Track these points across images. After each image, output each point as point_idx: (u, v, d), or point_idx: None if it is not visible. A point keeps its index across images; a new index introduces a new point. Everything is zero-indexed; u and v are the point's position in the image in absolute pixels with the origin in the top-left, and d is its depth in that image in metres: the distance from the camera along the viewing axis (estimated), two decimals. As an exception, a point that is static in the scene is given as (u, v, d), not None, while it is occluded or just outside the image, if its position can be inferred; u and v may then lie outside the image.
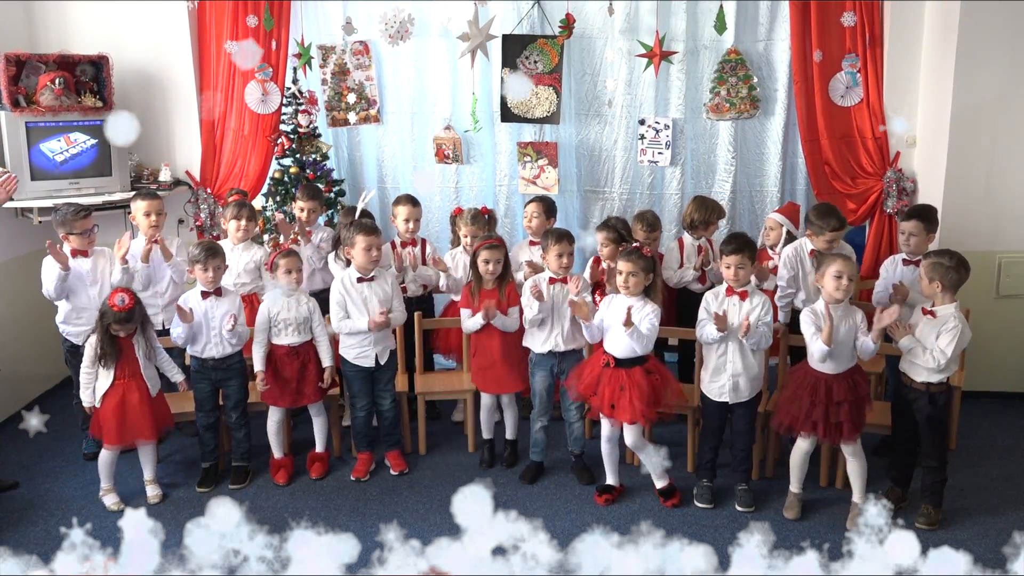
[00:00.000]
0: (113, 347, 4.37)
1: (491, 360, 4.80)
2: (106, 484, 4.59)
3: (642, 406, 4.27)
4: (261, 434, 4.93)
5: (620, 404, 4.30)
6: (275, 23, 5.81)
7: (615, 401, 4.31)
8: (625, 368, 4.31)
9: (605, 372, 4.36)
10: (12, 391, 5.68)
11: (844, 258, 4.20)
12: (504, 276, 4.76)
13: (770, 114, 6.01)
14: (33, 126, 5.40)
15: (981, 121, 5.45)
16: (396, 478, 4.84)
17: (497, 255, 4.69)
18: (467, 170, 6.25)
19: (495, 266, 4.69)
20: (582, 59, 6.03)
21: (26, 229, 5.68)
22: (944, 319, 4.07)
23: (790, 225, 5.20)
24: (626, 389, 4.29)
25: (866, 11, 5.66)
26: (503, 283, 4.76)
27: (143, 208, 4.97)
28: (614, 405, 4.32)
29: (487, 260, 4.68)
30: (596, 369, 4.40)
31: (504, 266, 4.74)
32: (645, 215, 5.34)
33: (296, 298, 4.71)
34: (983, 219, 5.56)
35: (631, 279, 4.29)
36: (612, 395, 4.32)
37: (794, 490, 4.42)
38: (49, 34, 5.85)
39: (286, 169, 5.78)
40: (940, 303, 4.12)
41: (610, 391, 4.33)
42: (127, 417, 4.42)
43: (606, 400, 4.34)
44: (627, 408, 4.28)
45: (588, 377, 4.43)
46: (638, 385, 4.28)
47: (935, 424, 4.18)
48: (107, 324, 4.34)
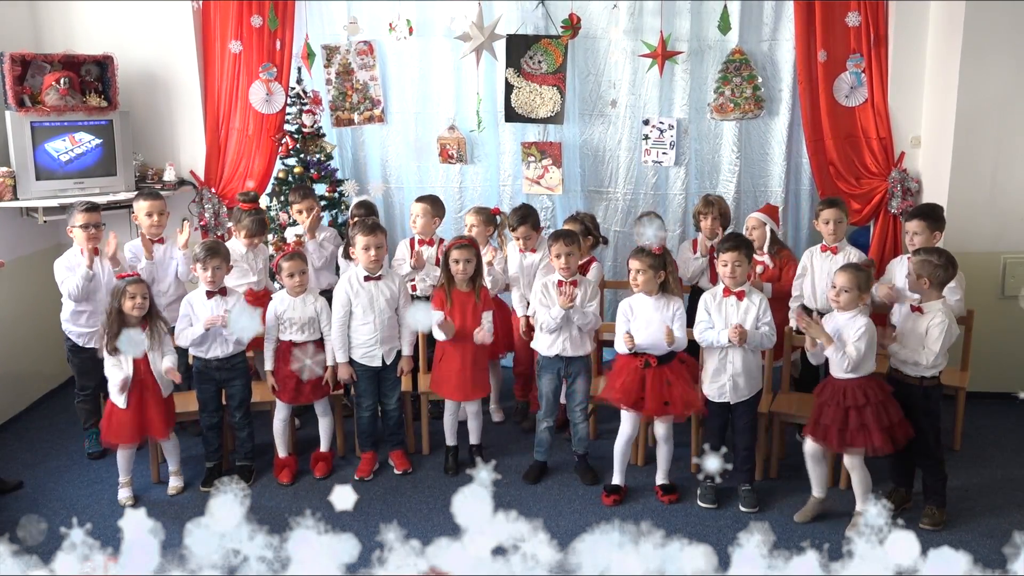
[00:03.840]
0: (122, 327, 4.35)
1: (459, 366, 4.75)
2: (124, 477, 4.62)
3: (691, 395, 4.37)
4: (264, 434, 4.94)
5: (673, 400, 4.36)
6: (279, 23, 5.82)
7: (667, 398, 4.36)
8: (667, 364, 4.38)
9: (648, 373, 4.37)
10: (16, 391, 5.70)
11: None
12: (476, 278, 4.74)
13: (774, 114, 6.00)
14: (38, 126, 5.41)
15: (986, 121, 5.43)
16: (399, 477, 4.84)
17: (468, 255, 4.68)
18: (471, 170, 6.25)
19: (465, 266, 4.67)
20: (586, 59, 6.02)
21: (31, 229, 5.69)
22: (932, 315, 4.10)
23: (772, 223, 5.19)
24: (674, 384, 4.35)
25: (871, 11, 5.65)
26: (476, 285, 4.75)
27: (145, 208, 5.01)
28: (667, 402, 4.36)
29: (457, 260, 4.67)
30: (635, 375, 4.40)
31: (476, 267, 4.73)
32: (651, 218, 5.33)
33: (303, 298, 4.72)
34: (988, 219, 5.54)
35: (639, 276, 4.36)
36: (662, 393, 4.37)
37: (816, 495, 4.35)
38: (54, 34, 5.86)
39: (290, 169, 5.78)
40: (927, 299, 4.15)
41: (658, 390, 4.37)
42: (145, 414, 4.44)
43: (657, 400, 4.37)
44: (680, 402, 4.36)
45: (630, 384, 4.41)
46: (682, 377, 4.37)
47: (931, 418, 4.18)
48: (117, 300, 4.34)
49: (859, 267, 4.25)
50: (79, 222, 4.77)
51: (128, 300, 4.34)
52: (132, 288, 4.36)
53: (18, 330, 5.64)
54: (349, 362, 4.76)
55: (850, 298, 4.08)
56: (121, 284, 4.38)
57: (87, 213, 4.79)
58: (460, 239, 4.80)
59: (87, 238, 4.76)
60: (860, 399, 4.05)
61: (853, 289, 4.07)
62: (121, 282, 4.39)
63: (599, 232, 5.31)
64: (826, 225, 4.91)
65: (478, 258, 4.75)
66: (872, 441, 4.03)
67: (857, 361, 4.04)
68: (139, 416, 4.43)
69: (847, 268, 4.19)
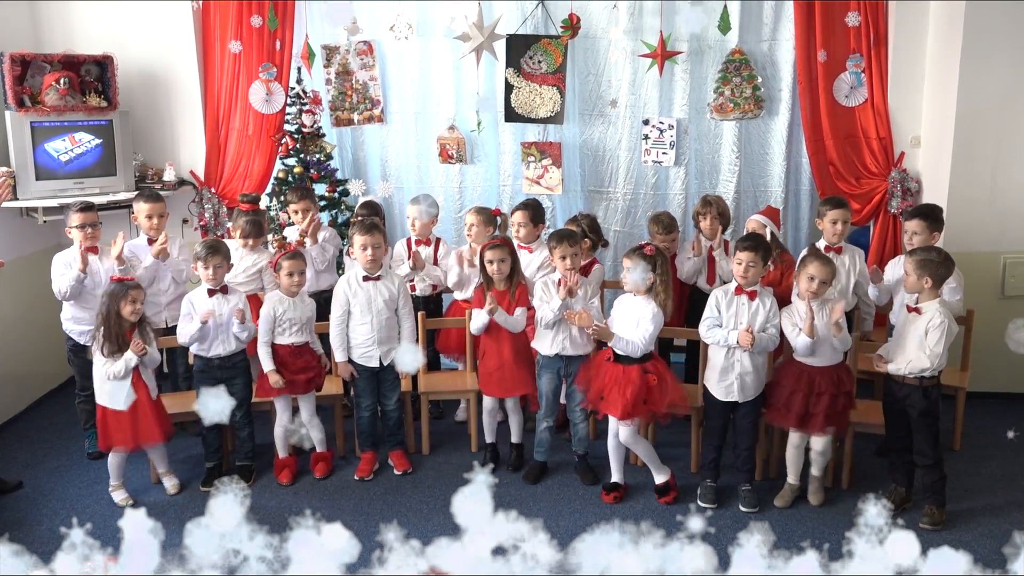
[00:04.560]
0: (121, 331, 4.37)
1: (500, 362, 4.77)
2: (115, 481, 4.61)
3: (630, 403, 4.30)
4: (265, 434, 4.94)
5: (609, 398, 4.35)
6: (279, 23, 5.82)
7: (605, 394, 4.36)
8: (624, 364, 4.35)
9: (605, 365, 4.42)
10: (16, 390, 5.70)
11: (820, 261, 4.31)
12: (513, 276, 4.76)
13: (774, 114, 6.00)
14: (38, 126, 5.41)
15: (986, 121, 5.44)
16: (399, 478, 4.84)
17: (501, 254, 4.69)
18: (471, 170, 6.25)
19: (500, 265, 4.68)
20: (586, 59, 6.02)
21: (31, 229, 5.69)
22: (930, 315, 4.11)
23: (773, 226, 5.19)
24: (619, 384, 4.33)
25: (871, 11, 5.65)
26: (513, 283, 4.76)
27: (145, 210, 5.01)
28: (603, 397, 4.37)
29: (491, 260, 4.68)
30: (600, 364, 4.45)
31: (512, 266, 4.74)
32: (660, 217, 5.35)
33: (300, 297, 4.72)
34: (988, 219, 5.55)
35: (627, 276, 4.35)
36: (604, 388, 4.38)
37: (791, 481, 4.49)
38: (54, 34, 5.86)
39: (290, 169, 5.78)
40: (926, 299, 4.16)
41: (603, 384, 4.39)
42: (139, 419, 4.43)
43: (597, 391, 4.40)
44: (616, 402, 4.33)
45: (591, 371, 4.49)
46: (631, 382, 4.32)
47: (929, 419, 4.19)
48: (116, 303, 4.34)
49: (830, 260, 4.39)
50: (75, 222, 4.77)
51: (128, 305, 4.34)
52: (134, 293, 4.37)
53: (18, 330, 5.64)
54: (348, 361, 4.76)
55: (826, 288, 4.30)
56: (121, 288, 4.36)
57: (83, 213, 4.79)
58: (494, 239, 4.81)
59: (84, 238, 4.76)
60: (823, 386, 4.26)
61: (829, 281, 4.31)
62: (121, 286, 4.37)
63: (600, 234, 5.30)
64: (832, 225, 4.90)
65: (513, 256, 4.76)
66: (816, 425, 4.29)
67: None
68: (134, 421, 4.42)
69: (827, 262, 4.31)
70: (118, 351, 4.35)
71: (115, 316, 4.35)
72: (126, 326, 4.38)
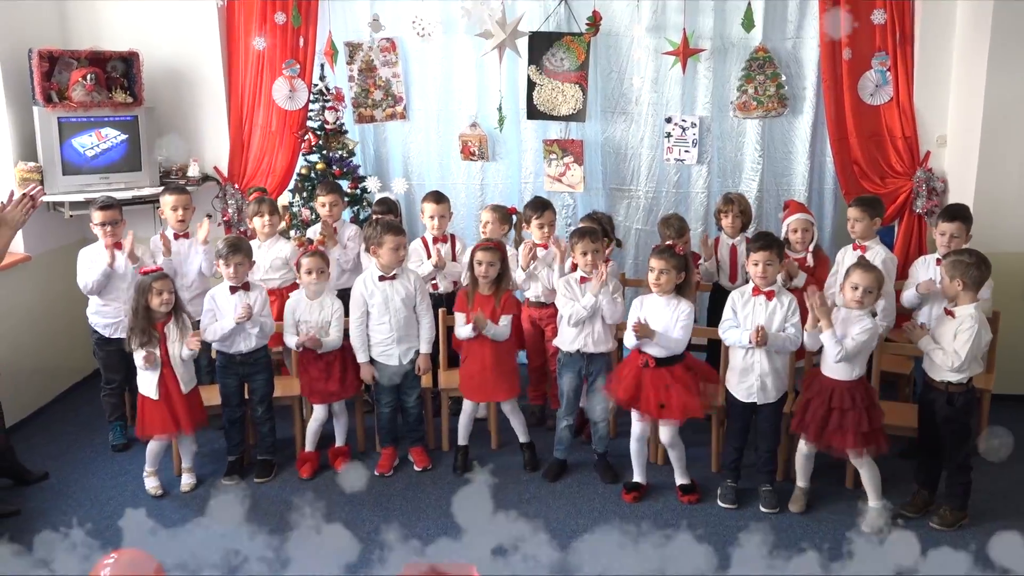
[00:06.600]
0: (150, 323, 4.41)
1: (480, 367, 4.75)
2: (150, 468, 4.68)
3: (691, 402, 4.31)
4: (286, 428, 4.97)
5: (669, 403, 4.31)
6: (303, 20, 5.85)
7: (664, 401, 4.32)
8: (667, 367, 4.33)
9: (646, 373, 4.36)
10: (42, 383, 5.77)
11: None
12: (500, 281, 4.72)
13: (798, 112, 5.95)
14: (65, 121, 5.48)
15: (1013, 120, 5.37)
16: (419, 474, 4.86)
17: (492, 257, 4.66)
18: (492, 167, 6.25)
19: (488, 268, 4.65)
20: (608, 57, 6.00)
21: (58, 223, 5.76)
22: (961, 319, 4.05)
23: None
24: (672, 388, 4.31)
25: (897, 9, 5.59)
26: (499, 288, 4.73)
27: (171, 203, 5.07)
28: (663, 405, 4.32)
29: (480, 261, 4.66)
30: (635, 371, 4.40)
31: (500, 271, 4.71)
32: (670, 221, 5.33)
33: (320, 301, 4.74)
34: (1015, 220, 5.48)
35: (662, 276, 4.32)
36: (659, 395, 4.33)
37: (800, 485, 4.43)
38: (81, 31, 5.93)
39: (313, 165, 5.81)
40: (962, 302, 4.08)
41: (655, 392, 4.34)
42: (173, 407, 4.48)
43: (653, 401, 4.34)
44: (678, 406, 4.31)
45: (628, 380, 4.42)
46: (682, 381, 4.31)
47: (954, 425, 4.13)
48: (143, 296, 4.38)
49: (877, 269, 4.23)
50: (96, 220, 4.85)
51: (156, 296, 4.39)
52: (159, 284, 4.40)
53: (44, 323, 5.71)
54: (370, 361, 4.78)
55: (873, 298, 4.13)
56: (147, 280, 4.41)
57: (103, 211, 4.86)
58: (486, 242, 4.80)
59: (105, 235, 4.82)
60: (847, 402, 4.11)
61: (875, 289, 4.11)
62: (147, 278, 4.43)
63: (613, 233, 5.29)
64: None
65: (503, 262, 4.73)
66: (846, 443, 4.12)
67: (852, 353, 4.05)
68: (170, 408, 4.47)
69: (871, 269, 4.16)
70: (149, 343, 4.39)
71: (143, 309, 4.40)
72: (157, 317, 4.42)
